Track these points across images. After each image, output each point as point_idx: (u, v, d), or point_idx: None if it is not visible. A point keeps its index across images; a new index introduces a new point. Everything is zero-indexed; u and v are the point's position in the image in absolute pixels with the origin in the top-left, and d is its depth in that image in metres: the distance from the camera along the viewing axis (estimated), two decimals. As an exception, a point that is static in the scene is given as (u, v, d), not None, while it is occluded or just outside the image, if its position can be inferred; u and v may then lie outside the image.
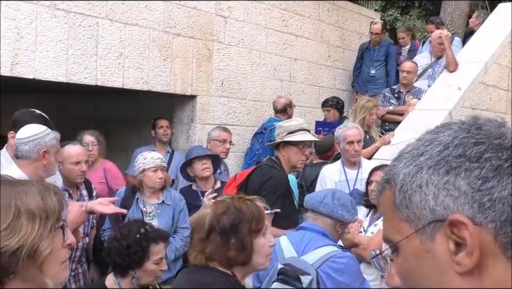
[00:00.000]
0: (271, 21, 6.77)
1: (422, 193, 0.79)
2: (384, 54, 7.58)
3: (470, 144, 0.79)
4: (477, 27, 7.77)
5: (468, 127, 0.81)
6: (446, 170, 0.78)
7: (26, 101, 6.48)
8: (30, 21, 4.41)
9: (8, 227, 1.14)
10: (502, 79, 7.21)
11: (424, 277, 0.80)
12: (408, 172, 0.82)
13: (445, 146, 0.80)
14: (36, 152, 2.99)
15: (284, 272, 2.44)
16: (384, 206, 0.87)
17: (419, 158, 0.82)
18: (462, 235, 0.75)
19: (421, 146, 0.83)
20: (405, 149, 0.87)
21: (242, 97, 6.43)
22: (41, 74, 4.50)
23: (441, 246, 0.77)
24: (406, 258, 0.82)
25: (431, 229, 0.78)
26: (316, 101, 7.54)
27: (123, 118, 6.76)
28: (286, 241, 2.70)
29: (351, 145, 4.42)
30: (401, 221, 0.82)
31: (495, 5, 8.14)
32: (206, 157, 4.52)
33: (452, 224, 0.76)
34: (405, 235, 0.81)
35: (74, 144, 4.01)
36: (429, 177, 0.79)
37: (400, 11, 11.40)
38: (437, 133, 0.84)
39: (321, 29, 7.63)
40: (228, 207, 2.01)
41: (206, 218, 2.01)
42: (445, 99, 6.14)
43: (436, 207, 0.78)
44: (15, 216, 1.16)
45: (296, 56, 7.18)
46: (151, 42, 5.38)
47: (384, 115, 6.35)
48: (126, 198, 4.06)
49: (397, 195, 0.82)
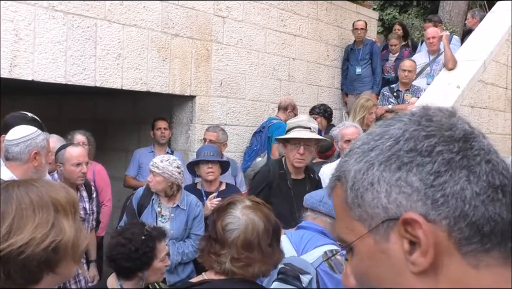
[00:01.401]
0: (270, 21, 6.77)
1: (374, 191, 0.75)
2: (369, 52, 7.63)
3: (421, 137, 0.75)
4: (475, 26, 7.79)
5: (418, 119, 0.77)
6: (398, 166, 0.74)
7: (26, 103, 6.48)
8: (28, 23, 4.41)
9: (54, 224, 1.19)
10: (501, 77, 7.22)
11: (379, 278, 0.76)
12: (359, 169, 0.78)
13: (395, 140, 0.76)
14: (26, 153, 2.96)
15: (284, 271, 2.44)
16: (336, 204, 0.83)
17: (370, 153, 0.77)
18: (416, 234, 0.72)
19: (371, 141, 0.79)
20: (355, 144, 0.82)
21: (241, 97, 6.44)
22: (40, 76, 4.51)
23: (395, 245, 0.74)
24: (361, 259, 0.79)
25: (385, 228, 0.75)
26: (315, 100, 7.54)
27: (122, 119, 6.76)
28: (285, 240, 2.70)
29: (348, 144, 4.43)
30: (353, 220, 0.78)
31: (493, 3, 8.14)
32: (213, 161, 4.47)
33: (405, 222, 0.72)
34: (358, 235, 0.78)
35: (75, 145, 4.00)
36: (380, 174, 0.75)
37: (399, 10, 11.42)
38: (387, 126, 0.79)
39: (320, 28, 7.63)
40: (269, 213, 1.99)
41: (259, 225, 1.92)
42: (443, 98, 6.15)
43: (388, 205, 0.74)
44: (55, 213, 1.20)
45: (294, 55, 7.19)
46: (150, 43, 5.38)
47: (383, 114, 6.36)
48: (144, 197, 4.08)
49: (348, 193, 0.79)
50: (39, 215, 1.18)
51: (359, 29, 7.61)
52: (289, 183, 3.87)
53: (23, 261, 1.14)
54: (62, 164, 3.80)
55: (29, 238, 1.15)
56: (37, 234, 1.16)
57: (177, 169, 3.99)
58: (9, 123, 3.33)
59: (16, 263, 1.14)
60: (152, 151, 5.76)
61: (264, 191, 3.85)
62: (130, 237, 2.78)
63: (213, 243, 1.93)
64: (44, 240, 1.16)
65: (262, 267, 1.91)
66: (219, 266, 1.90)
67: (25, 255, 1.14)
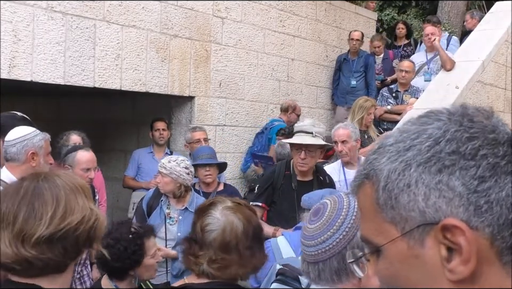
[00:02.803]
0: (269, 22, 6.77)
1: (411, 193, 0.72)
2: (363, 64, 7.44)
3: (464, 139, 0.71)
4: (474, 27, 7.80)
5: (459, 119, 0.74)
6: (439, 169, 0.71)
7: (24, 103, 6.48)
8: (27, 24, 4.41)
9: (90, 208, 1.38)
10: (500, 77, 7.22)
11: (410, 283, 0.73)
12: (394, 169, 0.73)
13: (435, 141, 0.72)
14: (24, 154, 2.97)
15: (283, 272, 2.43)
16: (363, 203, 0.80)
17: (406, 152, 0.73)
18: (456, 240, 0.69)
19: (407, 140, 0.74)
20: (386, 141, 0.78)
21: (240, 98, 6.44)
22: (39, 77, 4.50)
23: (431, 251, 0.71)
24: (391, 263, 0.75)
25: (420, 233, 0.71)
26: (314, 101, 7.55)
27: (121, 120, 6.76)
28: (283, 241, 2.70)
29: (336, 145, 4.44)
30: (384, 222, 0.75)
31: (492, 3, 8.15)
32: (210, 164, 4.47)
33: (445, 228, 0.69)
34: (389, 238, 0.74)
35: (86, 150, 3.94)
36: (418, 175, 0.71)
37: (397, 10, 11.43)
38: (423, 124, 0.75)
39: (319, 29, 7.63)
40: (250, 215, 1.95)
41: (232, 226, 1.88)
42: (442, 98, 6.15)
43: (426, 208, 0.71)
44: (83, 195, 1.39)
45: (293, 56, 7.19)
46: (149, 43, 5.38)
47: (382, 114, 6.36)
48: (154, 198, 4.07)
49: (380, 193, 0.75)
50: (80, 198, 1.37)
51: (355, 39, 7.41)
52: (293, 185, 3.88)
53: (77, 237, 1.34)
54: (71, 167, 3.79)
55: (81, 216, 1.34)
56: (85, 213, 1.35)
57: (185, 170, 3.93)
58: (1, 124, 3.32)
59: (72, 239, 1.33)
60: (151, 152, 5.76)
61: (268, 192, 3.89)
62: (118, 237, 2.78)
63: (193, 244, 1.90)
64: (90, 219, 1.36)
65: (239, 270, 1.86)
66: (197, 268, 1.86)
67: (79, 231, 1.34)
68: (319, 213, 1.51)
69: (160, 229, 3.93)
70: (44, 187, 1.36)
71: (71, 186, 1.38)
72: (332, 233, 1.45)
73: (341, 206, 1.49)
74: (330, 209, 1.49)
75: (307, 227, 1.53)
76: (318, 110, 7.66)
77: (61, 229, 1.31)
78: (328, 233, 1.45)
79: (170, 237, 3.95)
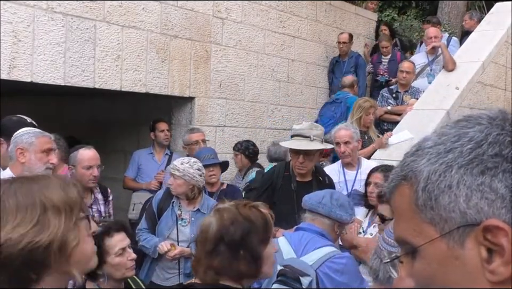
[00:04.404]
0: (269, 22, 6.77)
1: (452, 194, 0.73)
2: (354, 65, 7.53)
3: (507, 142, 0.72)
4: (472, 28, 7.80)
5: (501, 123, 0.75)
6: (481, 171, 0.72)
7: (24, 104, 6.48)
8: (27, 24, 4.41)
9: (37, 223, 1.18)
10: (500, 78, 7.22)
11: (449, 284, 0.74)
12: (435, 170, 0.74)
13: (477, 144, 0.73)
14: (14, 152, 3.07)
15: (284, 273, 2.44)
16: (400, 204, 0.80)
17: (447, 154, 0.74)
18: (498, 242, 0.69)
19: (447, 142, 0.76)
20: (424, 144, 0.79)
21: (240, 99, 6.44)
22: (39, 78, 4.50)
23: (471, 252, 0.71)
24: (429, 263, 0.76)
25: (460, 234, 0.72)
26: (314, 101, 7.55)
27: (121, 120, 6.76)
28: (284, 242, 2.70)
29: (338, 146, 4.44)
30: (423, 222, 0.75)
31: (492, 4, 8.15)
32: (214, 164, 4.48)
33: (486, 229, 0.70)
34: (427, 238, 0.75)
35: (88, 148, 3.93)
36: (460, 177, 0.72)
37: (397, 11, 11.42)
38: (463, 128, 0.76)
39: (319, 29, 7.63)
40: (235, 217, 1.87)
41: (210, 228, 1.87)
42: (442, 99, 6.15)
43: (467, 210, 0.71)
44: (41, 212, 1.19)
45: (293, 57, 7.19)
46: (149, 44, 5.38)
47: (382, 115, 6.36)
48: (164, 200, 4.03)
49: (419, 194, 0.76)
50: (21, 215, 1.18)
51: (341, 42, 7.50)
52: (293, 186, 3.89)
53: (5, 260, 1.15)
54: (74, 166, 3.79)
55: (5, 239, 1.15)
56: (13, 234, 1.15)
57: (198, 172, 3.90)
58: (7, 127, 3.35)
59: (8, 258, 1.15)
60: (151, 153, 5.76)
61: (267, 192, 3.92)
62: None
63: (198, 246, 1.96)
64: (21, 240, 1.15)
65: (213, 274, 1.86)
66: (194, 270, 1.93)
67: (3, 255, 1.14)
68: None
69: (172, 230, 3.92)
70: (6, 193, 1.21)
71: (21, 201, 1.20)
72: None
73: None
74: None
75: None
76: (318, 110, 7.66)
77: None
78: None
79: (183, 238, 3.93)
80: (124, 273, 2.76)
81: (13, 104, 5.78)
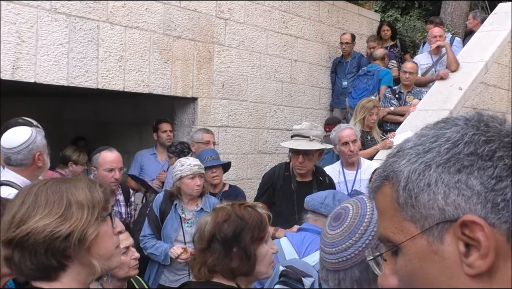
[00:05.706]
0: (271, 23, 6.77)
1: (431, 192, 0.76)
2: (356, 65, 7.51)
3: (481, 141, 0.76)
4: (476, 28, 7.78)
5: (477, 124, 0.79)
6: (458, 169, 0.75)
7: (27, 104, 6.50)
8: (31, 25, 4.42)
9: (61, 216, 1.34)
10: (503, 78, 7.21)
11: (430, 279, 0.77)
12: (414, 169, 0.78)
13: (453, 144, 0.77)
14: (31, 158, 2.99)
15: (286, 274, 2.43)
16: (382, 204, 0.83)
17: (426, 154, 0.78)
18: (475, 236, 0.72)
19: (426, 143, 0.79)
20: (404, 145, 0.82)
21: (243, 99, 6.44)
22: (42, 78, 4.51)
23: (450, 247, 0.75)
24: (410, 259, 0.79)
25: (439, 230, 0.75)
26: (317, 102, 7.55)
27: (124, 121, 6.77)
28: (286, 243, 2.70)
29: (346, 146, 4.43)
30: (404, 220, 0.79)
31: (495, 4, 8.14)
32: (216, 165, 4.48)
33: (463, 224, 0.73)
34: (408, 235, 0.78)
35: (110, 150, 3.93)
36: (438, 175, 0.76)
37: (400, 12, 11.40)
38: (441, 129, 0.80)
39: (322, 30, 7.63)
40: (228, 215, 1.91)
41: (206, 227, 1.92)
42: (445, 99, 6.14)
43: (446, 206, 0.75)
44: (66, 207, 1.35)
45: (296, 57, 7.19)
46: (152, 45, 5.39)
47: (385, 116, 6.36)
48: (165, 203, 4.01)
49: (400, 193, 0.79)
50: (48, 208, 1.34)
51: (344, 43, 7.49)
52: (293, 186, 3.90)
53: (31, 247, 1.31)
54: (96, 168, 3.79)
55: (32, 227, 1.31)
56: (39, 223, 1.31)
57: (203, 169, 4.01)
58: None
59: (27, 248, 1.31)
60: (154, 153, 5.77)
61: (268, 192, 3.96)
62: None
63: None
64: (45, 229, 1.31)
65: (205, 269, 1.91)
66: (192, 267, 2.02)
67: (30, 242, 1.31)
68: (340, 219, 1.42)
69: (178, 232, 3.91)
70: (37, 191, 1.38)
71: (50, 196, 1.37)
72: (354, 241, 1.36)
73: (363, 212, 1.40)
74: (352, 215, 1.41)
75: (327, 233, 1.43)
76: (321, 111, 7.66)
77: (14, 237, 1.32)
78: (350, 241, 1.36)
79: (190, 239, 3.92)
80: (127, 272, 2.76)
81: (15, 105, 5.79)
